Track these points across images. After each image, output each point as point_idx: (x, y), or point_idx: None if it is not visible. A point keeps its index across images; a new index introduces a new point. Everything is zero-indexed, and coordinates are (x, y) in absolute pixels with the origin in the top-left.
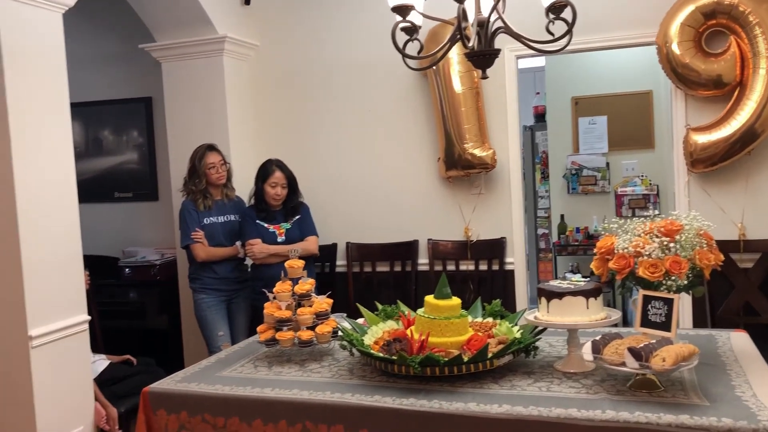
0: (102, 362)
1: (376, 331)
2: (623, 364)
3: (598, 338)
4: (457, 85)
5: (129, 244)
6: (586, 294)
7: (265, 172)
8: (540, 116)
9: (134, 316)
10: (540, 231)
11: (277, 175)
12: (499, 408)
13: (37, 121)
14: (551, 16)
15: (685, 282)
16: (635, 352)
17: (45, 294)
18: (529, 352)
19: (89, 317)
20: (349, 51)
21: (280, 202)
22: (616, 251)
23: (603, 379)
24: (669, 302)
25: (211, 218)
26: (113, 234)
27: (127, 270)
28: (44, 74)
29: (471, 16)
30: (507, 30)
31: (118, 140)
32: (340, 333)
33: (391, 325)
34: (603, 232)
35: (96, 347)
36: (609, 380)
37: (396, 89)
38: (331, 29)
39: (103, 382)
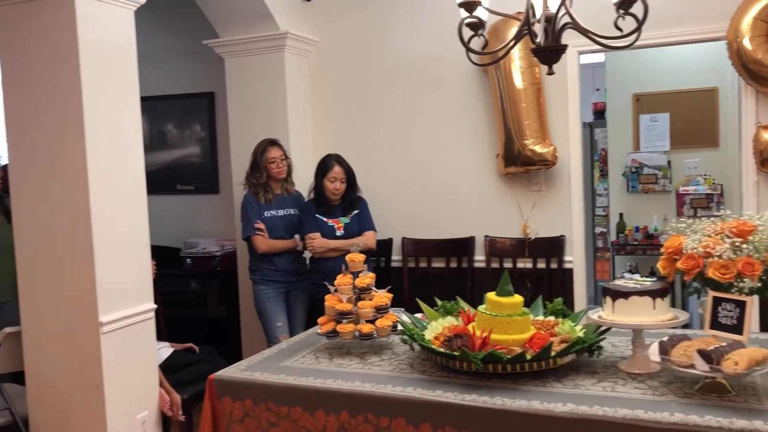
0: (166, 350)
1: (436, 327)
2: (692, 366)
3: (665, 339)
4: (518, 81)
5: (190, 236)
6: (653, 294)
7: (324, 166)
8: (599, 113)
9: (195, 305)
10: (597, 230)
11: (336, 170)
12: (563, 407)
13: (110, 115)
14: (620, 11)
15: (758, 284)
16: (705, 355)
17: (115, 282)
18: (592, 352)
19: (155, 306)
20: (408, 47)
21: (339, 197)
22: (684, 251)
23: (669, 381)
24: (741, 305)
25: (271, 211)
26: (175, 225)
27: (188, 261)
28: (117, 69)
29: (538, 12)
30: (575, 25)
31: (182, 134)
32: (399, 327)
33: (450, 321)
34: (669, 232)
35: (160, 335)
36: (676, 382)
37: (455, 85)
38: (391, 25)
39: (167, 368)
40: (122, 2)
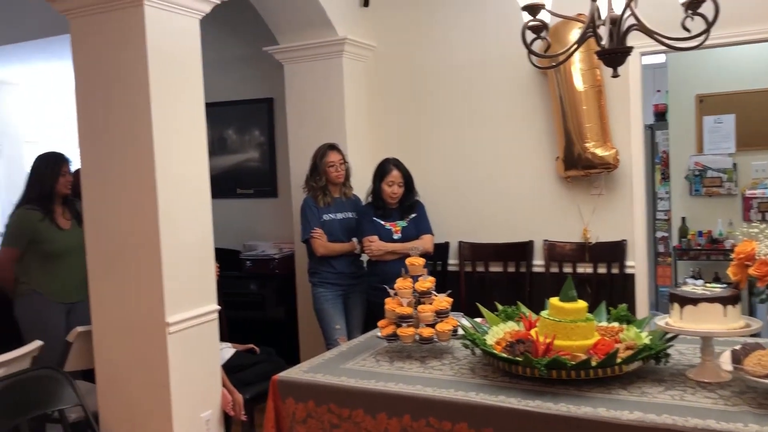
0: (228, 350)
1: (497, 332)
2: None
3: (737, 348)
4: (579, 83)
5: (249, 238)
6: (724, 301)
7: (382, 170)
8: (660, 115)
9: (254, 306)
10: (658, 234)
11: (394, 174)
12: (630, 414)
13: (177, 121)
14: (688, 11)
15: None
16: None
17: (181, 284)
18: (659, 359)
19: (219, 307)
20: (466, 50)
21: (397, 201)
22: (757, 257)
23: (742, 391)
24: None
25: (330, 215)
26: (235, 228)
27: (248, 263)
28: (183, 77)
29: (603, 14)
30: (640, 27)
31: (241, 139)
32: (460, 332)
33: (511, 326)
34: (739, 237)
35: (222, 335)
36: (749, 392)
37: (513, 87)
38: (449, 29)
39: (229, 369)
40: (188, 12)
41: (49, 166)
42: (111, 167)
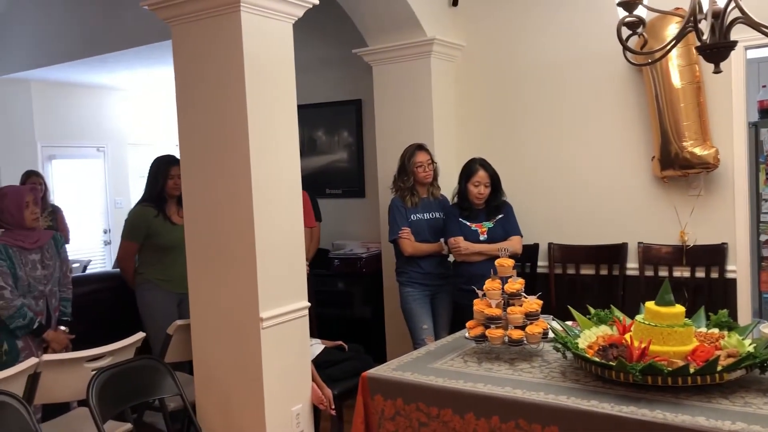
0: (318, 346)
1: (590, 336)
2: None
3: None
4: (676, 80)
5: (338, 237)
6: None
7: (468, 171)
8: (765, 111)
9: (342, 304)
10: (763, 237)
11: (481, 174)
12: (732, 425)
13: (271, 123)
14: None
15: None
16: None
17: (274, 280)
18: (764, 368)
19: (309, 304)
20: (556, 48)
21: (483, 201)
22: None
23: None
24: None
25: (417, 215)
26: (324, 227)
27: (336, 261)
28: (277, 80)
29: (705, 7)
30: (746, 20)
31: (330, 140)
32: (550, 334)
33: (604, 330)
34: None
35: (312, 332)
36: None
37: (606, 85)
38: (539, 27)
39: (319, 364)
40: (282, 16)
41: (158, 168)
42: (209, 168)
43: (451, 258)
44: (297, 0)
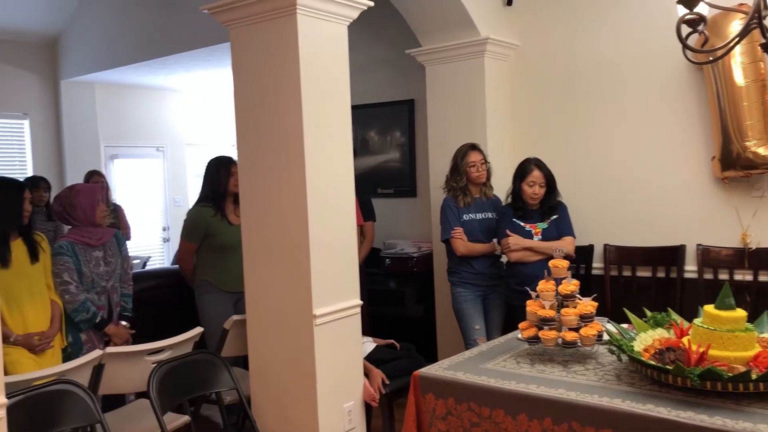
0: (370, 344)
1: (646, 339)
2: None
3: None
4: (739, 78)
5: (389, 237)
6: None
7: (523, 170)
8: None
9: (393, 303)
10: None
11: (535, 174)
12: None
13: (325, 124)
14: None
15: None
16: None
17: (327, 278)
18: None
19: (361, 302)
20: (612, 47)
21: (538, 201)
22: None
23: None
24: None
25: (470, 215)
26: (375, 226)
27: (387, 261)
28: (332, 81)
29: None
30: None
31: (383, 140)
32: (605, 337)
33: (661, 333)
34: None
35: (364, 330)
36: None
37: (664, 83)
38: (594, 26)
39: (370, 362)
40: (337, 18)
41: (219, 168)
42: (265, 167)
43: (504, 258)
44: (352, 2)
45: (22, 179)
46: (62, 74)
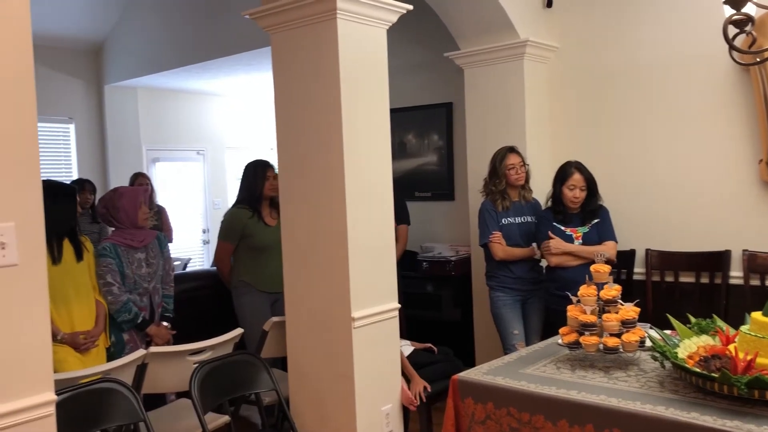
0: (408, 347)
1: (690, 345)
2: None
3: None
4: None
5: (426, 240)
6: None
7: (563, 174)
8: None
9: (430, 307)
10: None
11: (576, 177)
12: None
13: (364, 127)
14: None
15: None
16: None
17: (365, 281)
18: None
19: (399, 305)
20: (655, 48)
21: (579, 205)
22: None
23: None
24: None
25: (508, 219)
26: (412, 230)
27: (424, 264)
28: (371, 84)
29: None
30: None
31: (420, 143)
32: (648, 343)
33: (706, 340)
34: None
35: (401, 333)
36: None
37: (709, 85)
38: (636, 27)
39: None
40: (377, 22)
41: (256, 171)
42: (304, 170)
43: (543, 263)
44: (391, 6)
45: (68, 182)
46: (106, 79)
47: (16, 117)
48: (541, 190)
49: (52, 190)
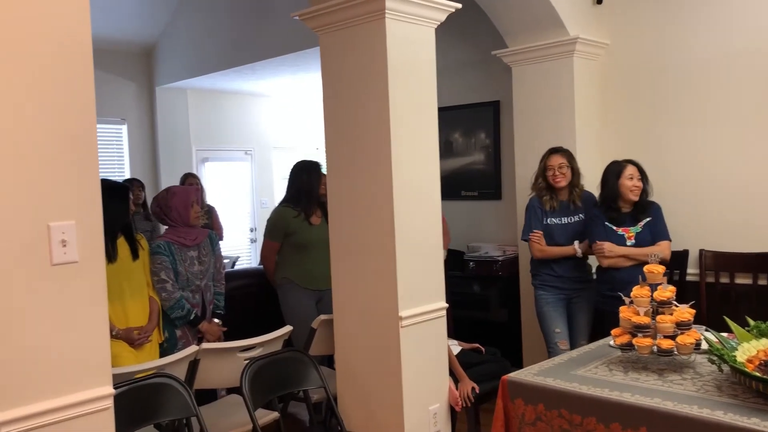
0: (455, 347)
1: (749, 349)
2: None
3: None
4: None
5: (473, 240)
6: None
7: (618, 167)
8: None
9: (477, 307)
10: None
11: (632, 168)
12: None
13: (412, 127)
14: None
15: None
16: None
17: (413, 280)
18: None
19: (447, 305)
20: (710, 44)
21: (638, 195)
22: None
23: None
24: None
25: (553, 219)
26: (459, 229)
27: (471, 264)
28: (419, 84)
29: None
30: None
31: (467, 142)
32: (704, 345)
33: (765, 343)
34: None
35: (448, 333)
36: None
37: (767, 82)
38: (691, 22)
39: None
40: (425, 21)
41: (310, 172)
42: (352, 169)
43: (592, 262)
44: (439, 5)
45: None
46: (157, 81)
47: (77, 119)
48: (590, 189)
49: (106, 188)
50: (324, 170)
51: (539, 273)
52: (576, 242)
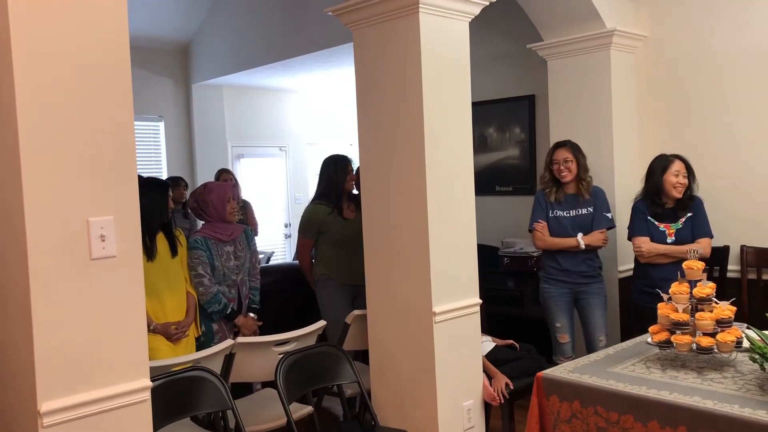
0: (489, 343)
1: None
2: None
3: None
4: None
5: (507, 235)
6: None
7: (664, 162)
8: None
9: (512, 303)
10: None
11: (678, 164)
12: None
13: (446, 121)
14: None
15: None
16: None
17: (447, 276)
18: None
19: (480, 301)
20: (753, 35)
21: (683, 192)
22: None
23: None
24: None
25: (558, 211)
26: (493, 225)
27: (505, 260)
28: (453, 78)
29: None
30: None
31: (502, 137)
32: (745, 344)
33: None
34: None
35: (482, 329)
36: None
37: None
38: (733, 13)
39: (490, 362)
40: (459, 15)
41: (337, 166)
42: (386, 164)
43: (628, 259)
44: None
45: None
46: (193, 78)
47: (115, 116)
48: (627, 185)
49: (146, 184)
50: (354, 165)
51: (544, 266)
52: (579, 234)
